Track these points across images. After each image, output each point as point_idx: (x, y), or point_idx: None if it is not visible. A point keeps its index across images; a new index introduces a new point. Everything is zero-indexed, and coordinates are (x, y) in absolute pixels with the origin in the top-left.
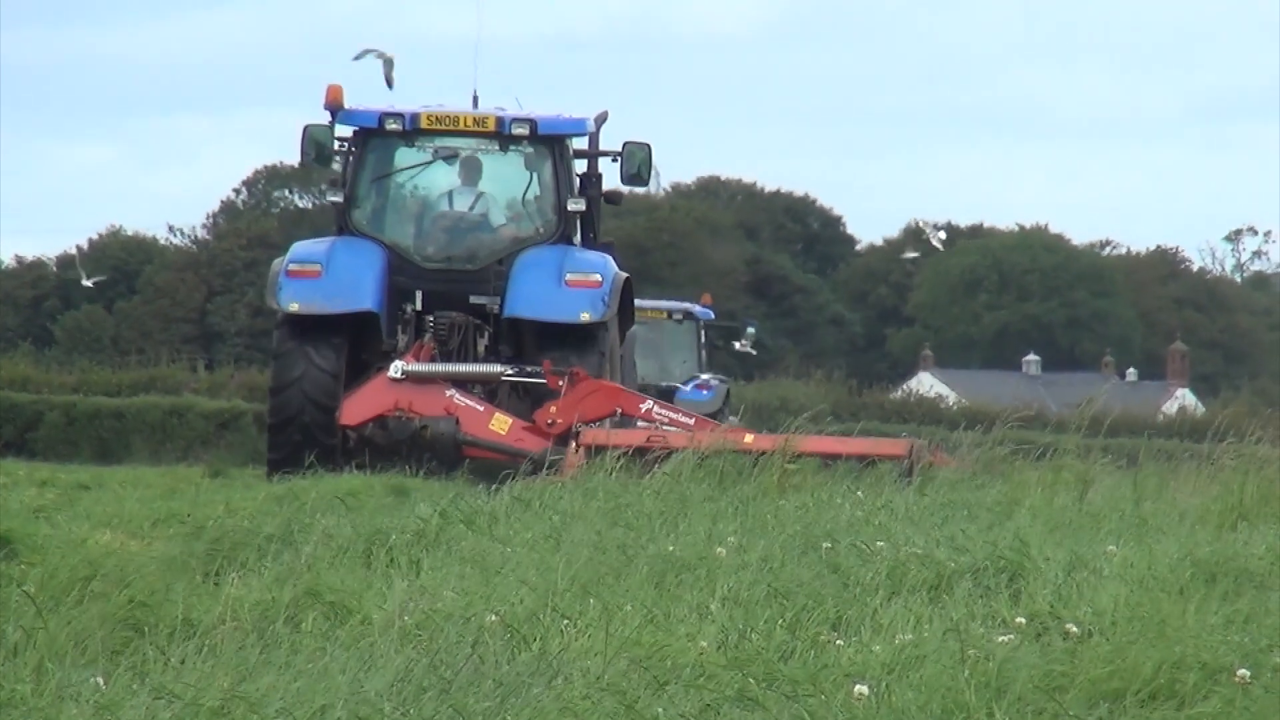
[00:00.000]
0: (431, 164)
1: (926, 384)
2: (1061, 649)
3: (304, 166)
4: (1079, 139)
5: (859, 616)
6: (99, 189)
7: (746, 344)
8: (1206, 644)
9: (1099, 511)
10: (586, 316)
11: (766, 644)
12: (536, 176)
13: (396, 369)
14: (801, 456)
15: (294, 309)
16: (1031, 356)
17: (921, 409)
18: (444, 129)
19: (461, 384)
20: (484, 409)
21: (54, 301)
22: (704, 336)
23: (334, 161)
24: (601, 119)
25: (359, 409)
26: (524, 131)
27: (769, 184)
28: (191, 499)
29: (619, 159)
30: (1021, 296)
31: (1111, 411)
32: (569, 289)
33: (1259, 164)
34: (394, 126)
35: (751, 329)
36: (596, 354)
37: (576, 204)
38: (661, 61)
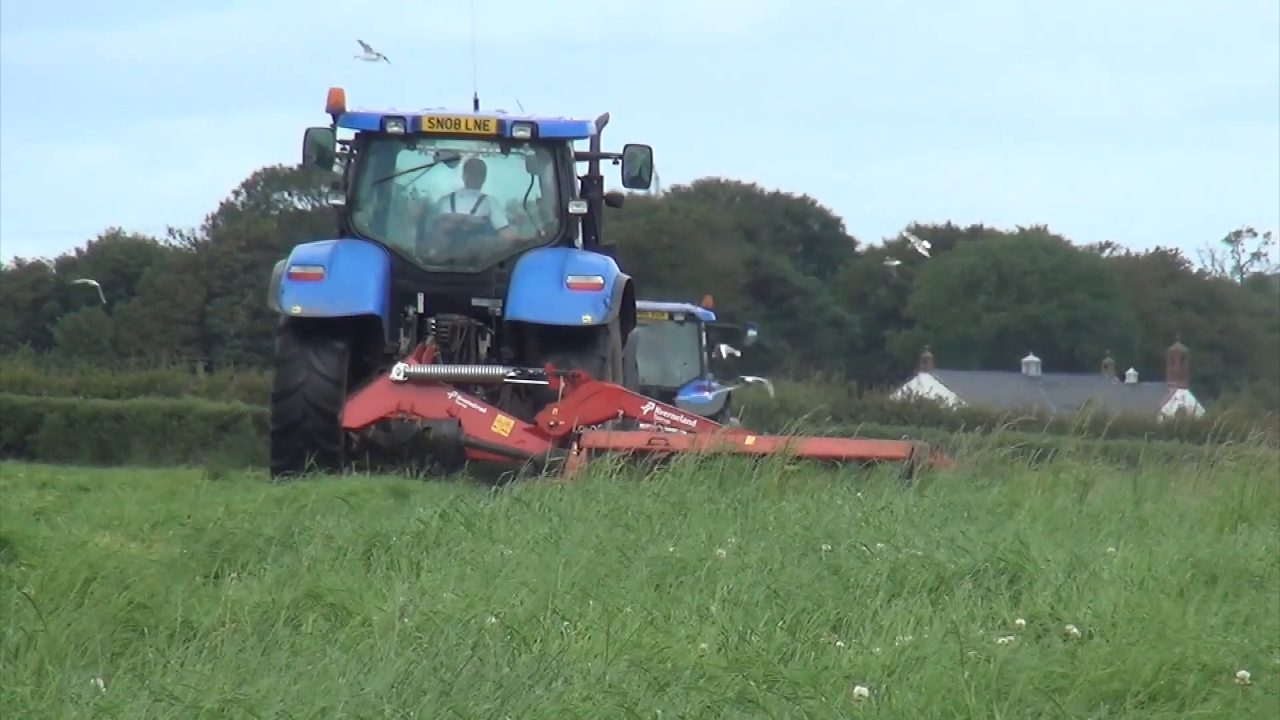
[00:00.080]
0: (433, 167)
1: (926, 385)
2: (1061, 650)
3: (305, 169)
4: (1079, 140)
5: (859, 618)
6: (99, 190)
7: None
8: (1206, 645)
9: (1099, 513)
10: (588, 319)
11: (767, 646)
12: (538, 179)
13: (399, 371)
14: (802, 459)
15: (296, 311)
16: (1031, 358)
17: (921, 410)
18: (445, 132)
19: (463, 386)
20: (486, 411)
21: (53, 303)
22: (705, 338)
23: (335, 164)
24: (602, 121)
25: (361, 411)
26: (525, 134)
27: (768, 185)
28: (191, 501)
29: (620, 161)
30: (1021, 298)
31: (1111, 414)
32: (571, 291)
33: (1259, 165)
34: (396, 129)
35: (753, 331)
36: (598, 356)
37: (578, 206)
38: (660, 62)
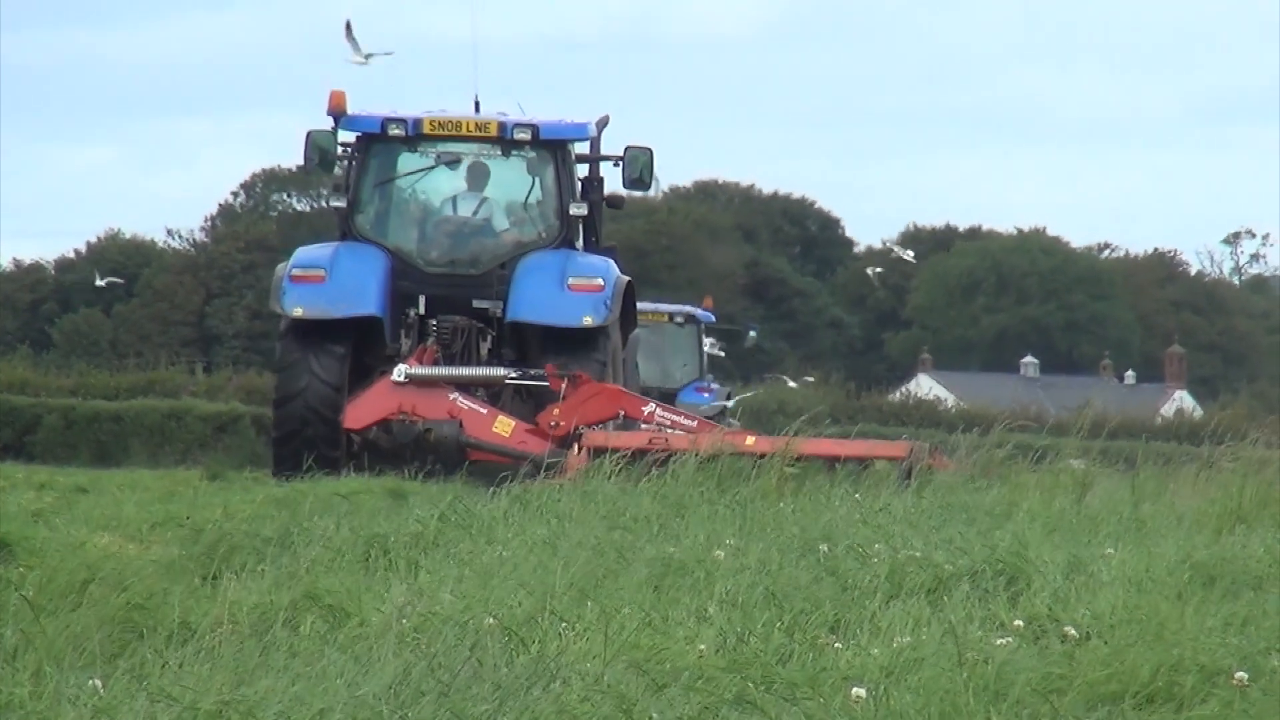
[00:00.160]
0: (434, 169)
1: (925, 386)
2: (1060, 652)
3: (307, 171)
4: (1078, 141)
5: (857, 619)
6: (98, 191)
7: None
8: (1204, 646)
9: (1097, 514)
10: (589, 320)
11: (765, 647)
12: (539, 181)
13: (400, 373)
14: (801, 459)
15: (298, 314)
16: (1030, 359)
17: (920, 411)
18: (446, 134)
19: (465, 387)
20: (487, 412)
21: (52, 305)
22: (704, 340)
23: (337, 167)
24: (603, 123)
25: (363, 413)
26: (526, 136)
27: (767, 186)
28: (190, 502)
29: (620, 163)
30: (1020, 299)
31: (1111, 416)
32: (571, 293)
33: (1258, 166)
34: (397, 132)
35: (753, 332)
36: (599, 357)
37: (578, 208)
38: (660, 63)
